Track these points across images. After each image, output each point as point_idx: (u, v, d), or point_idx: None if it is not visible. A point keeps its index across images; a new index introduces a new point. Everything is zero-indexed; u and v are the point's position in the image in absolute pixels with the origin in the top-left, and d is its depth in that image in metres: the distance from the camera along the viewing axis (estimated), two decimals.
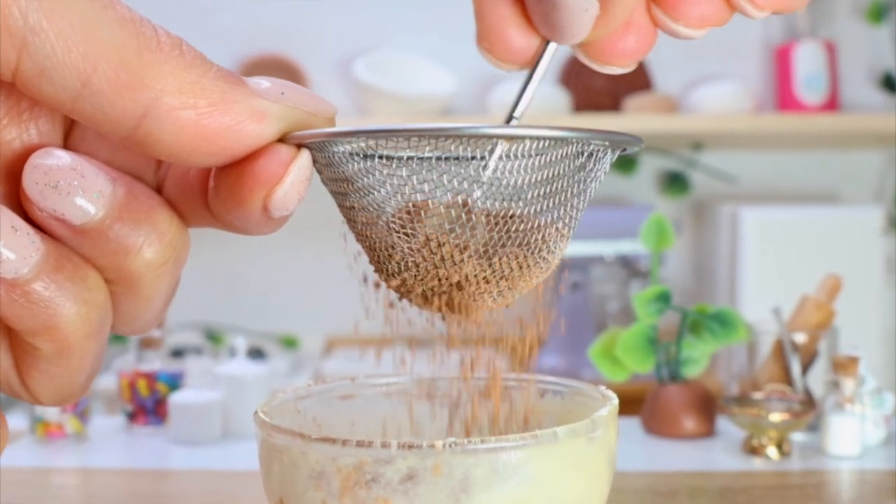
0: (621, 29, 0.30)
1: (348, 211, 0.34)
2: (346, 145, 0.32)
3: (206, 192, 0.31)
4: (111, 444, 0.99)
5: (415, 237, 0.33)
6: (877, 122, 1.89)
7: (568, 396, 0.55)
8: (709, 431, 0.97)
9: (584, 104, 1.99)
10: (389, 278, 0.34)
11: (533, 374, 0.56)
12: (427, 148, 0.31)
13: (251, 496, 0.80)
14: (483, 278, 0.33)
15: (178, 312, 1.77)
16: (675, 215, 2.09)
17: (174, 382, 1.04)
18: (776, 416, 0.90)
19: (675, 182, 2.10)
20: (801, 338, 0.96)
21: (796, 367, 0.94)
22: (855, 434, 0.89)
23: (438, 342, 0.42)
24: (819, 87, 1.96)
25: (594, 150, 0.33)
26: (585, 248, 1.83)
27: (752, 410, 0.91)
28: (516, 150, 0.31)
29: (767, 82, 2.10)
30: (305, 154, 0.31)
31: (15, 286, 0.28)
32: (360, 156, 0.32)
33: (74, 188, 0.29)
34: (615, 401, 0.49)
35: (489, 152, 0.31)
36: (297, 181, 0.30)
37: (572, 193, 0.33)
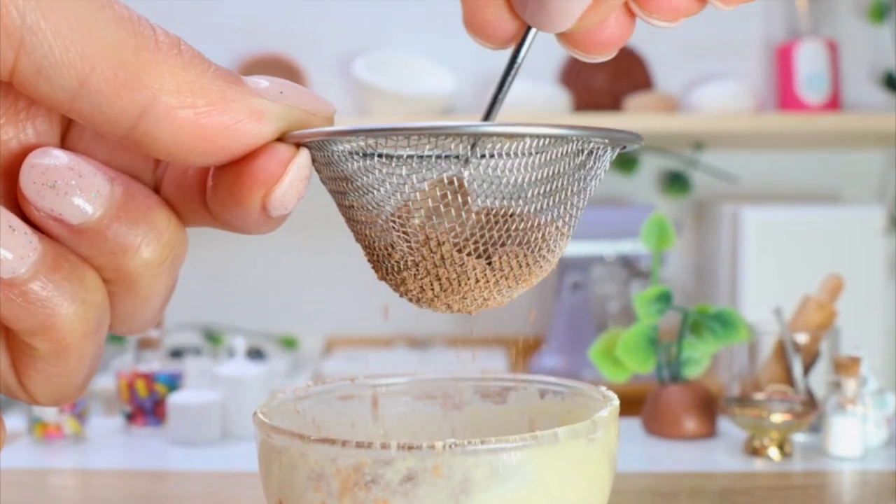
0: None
1: (347, 210, 0.34)
2: (345, 144, 0.32)
3: (205, 191, 0.31)
4: (110, 445, 0.99)
5: (414, 236, 0.33)
6: (878, 122, 1.89)
7: (568, 397, 0.55)
8: (710, 432, 0.97)
9: (585, 104, 1.99)
10: (388, 277, 0.34)
11: (533, 375, 0.56)
12: (426, 146, 0.31)
13: (250, 497, 0.80)
14: (483, 277, 0.33)
15: (177, 313, 1.77)
16: (676, 215, 2.08)
17: (173, 383, 1.04)
18: (777, 417, 0.90)
19: (675, 182, 2.09)
20: (802, 338, 0.96)
21: (798, 368, 0.94)
22: (857, 435, 0.89)
23: (438, 341, 0.42)
24: (820, 87, 1.96)
25: (594, 147, 0.33)
26: (586, 248, 1.83)
27: (754, 411, 0.91)
28: (516, 149, 0.31)
29: (769, 82, 2.09)
30: (304, 153, 0.31)
31: (12, 286, 0.28)
32: (360, 155, 0.32)
33: (72, 188, 0.29)
34: (616, 401, 0.49)
35: (471, 148, 0.31)
36: (295, 180, 0.30)
37: (572, 192, 0.33)
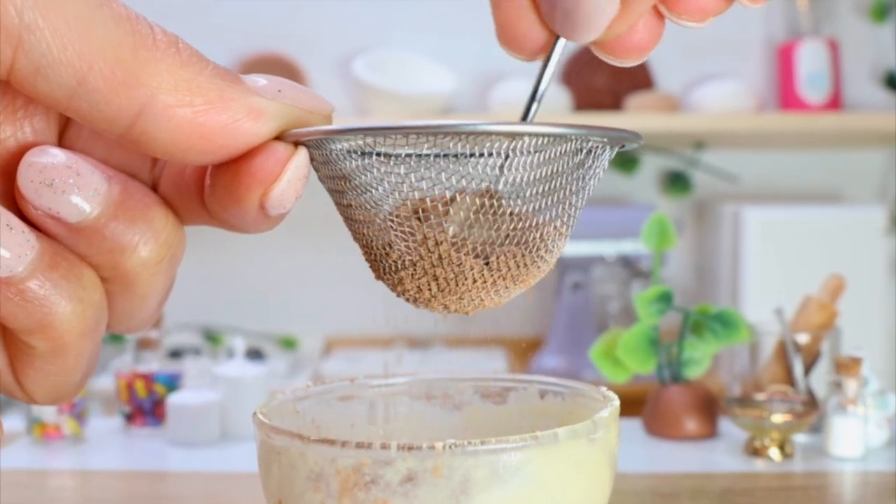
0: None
1: (345, 209, 0.34)
2: (344, 143, 0.32)
3: (203, 189, 0.31)
4: (109, 446, 0.99)
5: (412, 235, 0.32)
6: (880, 122, 1.89)
7: (569, 397, 0.55)
8: (710, 433, 0.97)
9: (585, 103, 1.99)
10: (386, 276, 0.34)
11: (533, 375, 0.56)
12: (425, 145, 0.31)
13: (250, 498, 0.80)
14: (480, 277, 0.33)
15: (176, 313, 1.76)
16: (677, 215, 2.08)
17: (172, 383, 1.04)
18: (778, 418, 0.89)
19: (676, 181, 2.09)
20: (803, 338, 0.96)
21: (799, 368, 0.94)
22: (858, 435, 0.89)
23: (437, 342, 0.42)
24: (822, 86, 1.96)
25: (593, 146, 0.33)
26: (586, 248, 1.83)
27: (755, 411, 0.91)
28: (515, 148, 0.31)
29: (770, 81, 2.09)
30: (302, 152, 0.31)
31: (10, 284, 0.28)
32: (358, 153, 0.32)
33: (70, 186, 0.29)
34: (616, 402, 0.49)
35: (512, 150, 0.31)
36: (294, 179, 0.30)
37: (571, 191, 0.33)
